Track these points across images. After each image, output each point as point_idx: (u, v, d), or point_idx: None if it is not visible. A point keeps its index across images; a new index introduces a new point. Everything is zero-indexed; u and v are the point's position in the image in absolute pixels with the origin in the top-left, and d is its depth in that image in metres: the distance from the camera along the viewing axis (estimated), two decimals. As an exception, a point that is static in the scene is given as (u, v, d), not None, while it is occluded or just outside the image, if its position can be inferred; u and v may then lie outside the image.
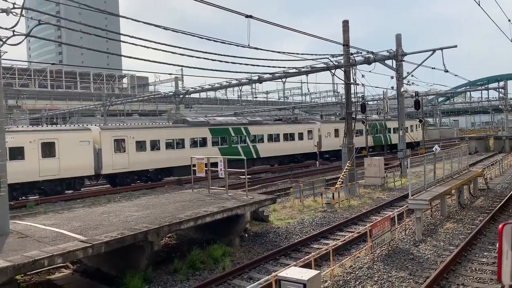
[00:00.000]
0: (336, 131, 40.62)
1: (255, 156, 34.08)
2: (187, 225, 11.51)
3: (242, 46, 15.00)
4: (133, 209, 13.32)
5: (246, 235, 14.15)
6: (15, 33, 10.14)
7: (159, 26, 12.99)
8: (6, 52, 10.79)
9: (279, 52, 17.49)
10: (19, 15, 10.05)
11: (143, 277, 10.12)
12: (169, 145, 28.91)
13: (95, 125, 33.03)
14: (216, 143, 31.60)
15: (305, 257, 10.52)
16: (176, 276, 10.73)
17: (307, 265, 9.56)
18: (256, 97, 63.07)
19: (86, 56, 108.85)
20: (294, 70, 29.72)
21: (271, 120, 44.30)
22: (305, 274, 7.31)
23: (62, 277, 11.13)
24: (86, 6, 13.51)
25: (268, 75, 32.20)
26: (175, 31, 13.81)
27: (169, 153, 28.61)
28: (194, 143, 30.34)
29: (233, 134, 32.75)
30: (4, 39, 10.17)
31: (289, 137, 36.74)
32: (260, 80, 34.49)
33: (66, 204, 21.41)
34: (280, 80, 33.95)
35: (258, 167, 35.23)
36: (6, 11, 9.97)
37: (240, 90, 48.51)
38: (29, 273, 10.44)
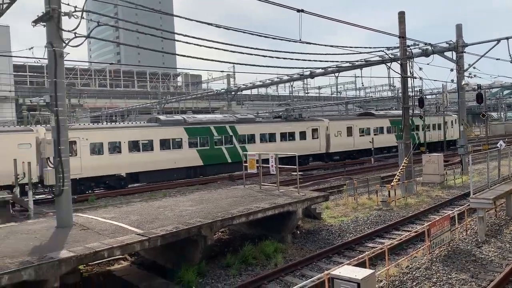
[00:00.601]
0: (349, 129, 36.86)
1: (245, 159, 30.22)
2: (239, 220, 11.60)
3: (294, 41, 14.87)
4: (187, 203, 13.62)
5: (298, 232, 14.05)
6: (76, 35, 10.64)
7: (211, 24, 13.14)
8: (69, 53, 11.36)
9: (332, 46, 17.15)
10: (79, 18, 10.54)
11: (197, 270, 10.32)
12: (133, 148, 25.50)
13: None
14: (194, 144, 28.11)
15: (359, 256, 10.27)
16: (229, 270, 10.85)
17: (361, 264, 9.32)
18: (307, 93, 62.43)
19: (143, 55, 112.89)
20: (347, 64, 29.04)
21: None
22: (359, 273, 7.12)
23: (121, 268, 11.59)
24: (142, 6, 13.92)
25: (320, 70, 31.66)
26: (227, 29, 13.93)
27: (133, 157, 25.19)
28: (165, 145, 26.89)
29: (216, 134, 29.20)
30: (66, 41, 10.71)
31: (288, 136, 32.98)
32: (312, 75, 33.98)
33: (125, 198, 22.34)
34: (333, 74, 33.26)
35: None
36: (68, 14, 10.50)
37: (292, 86, 48.29)
38: (90, 263, 10.97)
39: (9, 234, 10.29)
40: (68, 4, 10.54)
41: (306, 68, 33.61)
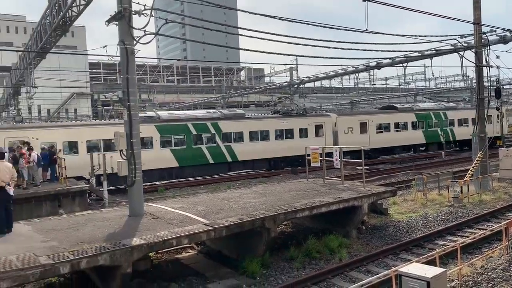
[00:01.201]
0: (363, 125, 32.51)
1: (230, 160, 27.13)
2: (302, 214, 11.56)
3: (359, 31, 14.47)
4: (250, 196, 13.79)
5: (364, 228, 13.73)
6: (146, 32, 11.11)
7: (273, 17, 13.15)
8: (139, 50, 11.89)
9: (400, 35, 16.48)
10: (149, 16, 10.98)
11: (261, 262, 10.44)
12: (92, 148, 22.38)
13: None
14: (167, 143, 25.30)
15: (429, 254, 9.84)
16: (293, 263, 10.86)
17: (430, 262, 8.91)
18: (374, 84, 60.53)
19: (208, 51, 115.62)
20: (416, 54, 27.75)
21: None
22: (429, 271, 6.82)
23: (188, 257, 12.01)
24: (207, 3, 14.19)
25: (387, 60, 30.48)
26: (289, 21, 13.86)
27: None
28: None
29: (194, 132, 26.21)
30: (137, 39, 11.21)
31: (284, 134, 29.37)
32: (379, 66, 32.77)
33: (192, 189, 23.10)
34: (400, 65, 31.91)
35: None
36: (138, 12, 10.98)
37: (357, 78, 46.98)
38: (160, 251, 11.49)
39: (86, 221, 11.04)
40: (138, 3, 11.02)
41: (372, 58, 32.46)
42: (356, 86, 50.64)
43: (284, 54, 20.47)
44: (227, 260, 11.35)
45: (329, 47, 15.46)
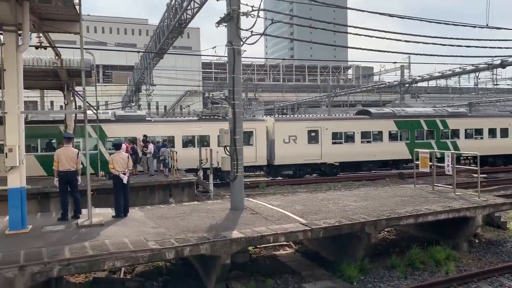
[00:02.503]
0: (313, 133, 26.54)
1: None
2: (406, 221, 10.93)
3: (480, 27, 13.22)
4: (351, 198, 13.43)
5: (477, 241, 12.54)
6: (252, 33, 11.41)
7: (383, 14, 12.61)
8: (245, 50, 12.27)
9: (530, 30, 14.69)
10: (256, 17, 11.26)
11: (359, 267, 10.12)
12: None
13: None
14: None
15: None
16: (393, 272, 10.34)
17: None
18: (497, 85, 54.92)
19: (315, 50, 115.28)
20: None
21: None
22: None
23: (286, 254, 12.09)
24: (316, 2, 14.12)
25: (513, 58, 27.46)
26: (400, 17, 13.19)
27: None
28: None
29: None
30: (244, 39, 11.56)
31: (198, 141, 24.45)
32: (503, 65, 29.69)
33: (292, 188, 23.24)
34: (530, 63, 28.43)
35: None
36: (246, 14, 11.32)
37: (477, 77, 43.11)
38: (258, 246, 11.75)
39: (192, 211, 11.72)
40: (247, 4, 11.36)
41: (496, 56, 29.39)
42: (476, 86, 46.50)
43: (394, 52, 19.54)
44: (324, 261, 11.19)
45: (444, 44, 14.40)
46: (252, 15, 11.29)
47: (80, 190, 11.11)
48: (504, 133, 31.09)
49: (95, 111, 16.89)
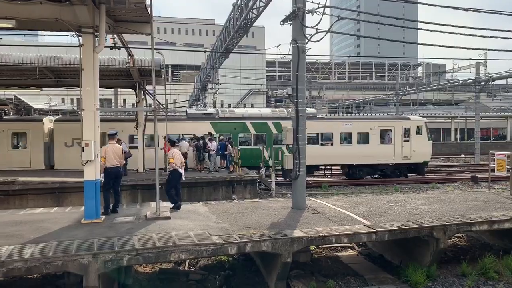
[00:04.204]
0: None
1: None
2: (479, 227, 10.27)
3: None
4: (419, 201, 12.88)
5: (560, 252, 11.49)
6: (318, 30, 11.27)
7: (457, 8, 11.92)
8: (310, 48, 12.14)
9: None
10: (321, 14, 11.11)
11: (426, 272, 9.67)
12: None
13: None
14: None
15: None
16: (464, 280, 9.76)
17: None
18: None
19: (383, 47, 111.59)
20: None
21: None
22: None
23: (348, 256, 11.85)
24: (383, -4, 13.68)
25: None
26: (476, 11, 12.39)
27: None
28: None
29: None
30: (308, 37, 11.46)
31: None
32: None
33: (356, 189, 22.70)
34: None
35: None
36: (311, 11, 11.20)
37: None
38: (320, 246, 11.62)
39: (253, 208, 11.85)
40: (312, 2, 11.24)
41: None
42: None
43: (469, 48, 18.41)
44: (389, 265, 10.84)
45: (526, 39, 13.30)
46: (317, 12, 11.16)
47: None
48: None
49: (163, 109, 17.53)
